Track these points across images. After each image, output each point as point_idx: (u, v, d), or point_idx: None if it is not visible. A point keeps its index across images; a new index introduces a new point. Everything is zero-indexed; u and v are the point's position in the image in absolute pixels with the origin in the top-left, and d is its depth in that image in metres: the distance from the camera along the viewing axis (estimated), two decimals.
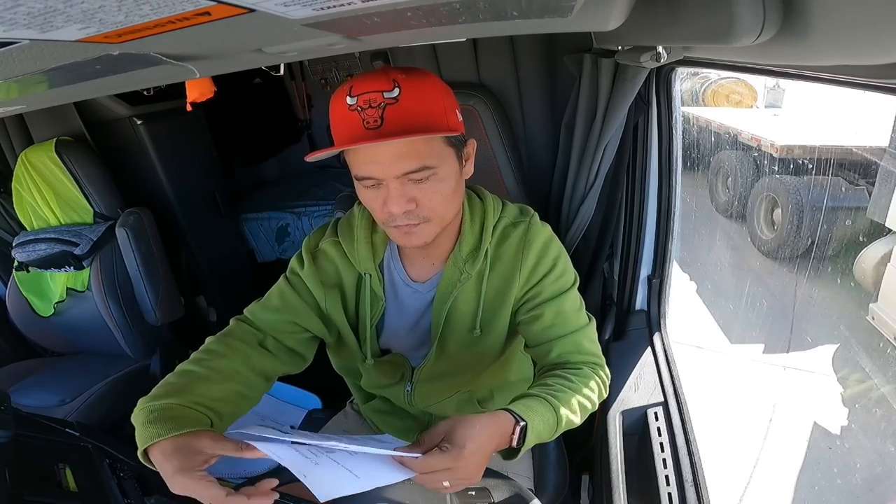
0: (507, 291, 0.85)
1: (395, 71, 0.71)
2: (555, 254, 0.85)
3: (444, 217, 0.79)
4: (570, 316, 0.84)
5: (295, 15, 0.32)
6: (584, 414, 0.77)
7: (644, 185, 1.26)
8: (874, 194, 2.69)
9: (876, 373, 2.44)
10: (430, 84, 0.73)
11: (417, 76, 0.72)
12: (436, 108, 0.72)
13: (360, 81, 0.71)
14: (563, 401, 0.73)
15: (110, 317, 1.71)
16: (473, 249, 0.85)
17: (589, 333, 0.86)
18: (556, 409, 0.71)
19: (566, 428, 0.74)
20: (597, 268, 1.42)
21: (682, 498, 0.93)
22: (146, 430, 0.66)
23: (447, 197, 0.76)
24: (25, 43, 0.29)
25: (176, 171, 1.94)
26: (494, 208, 0.87)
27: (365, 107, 0.69)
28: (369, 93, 0.68)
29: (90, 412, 1.56)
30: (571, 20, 0.45)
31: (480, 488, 0.75)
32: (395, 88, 0.68)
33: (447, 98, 0.75)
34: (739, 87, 4.27)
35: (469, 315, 0.87)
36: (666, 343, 1.27)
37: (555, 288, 0.84)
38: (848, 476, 2.11)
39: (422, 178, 0.72)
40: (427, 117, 0.70)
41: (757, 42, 0.44)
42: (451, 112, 0.74)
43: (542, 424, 0.70)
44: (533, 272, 0.84)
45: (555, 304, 0.84)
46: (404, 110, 0.68)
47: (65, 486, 0.86)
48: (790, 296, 3.13)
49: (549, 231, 0.88)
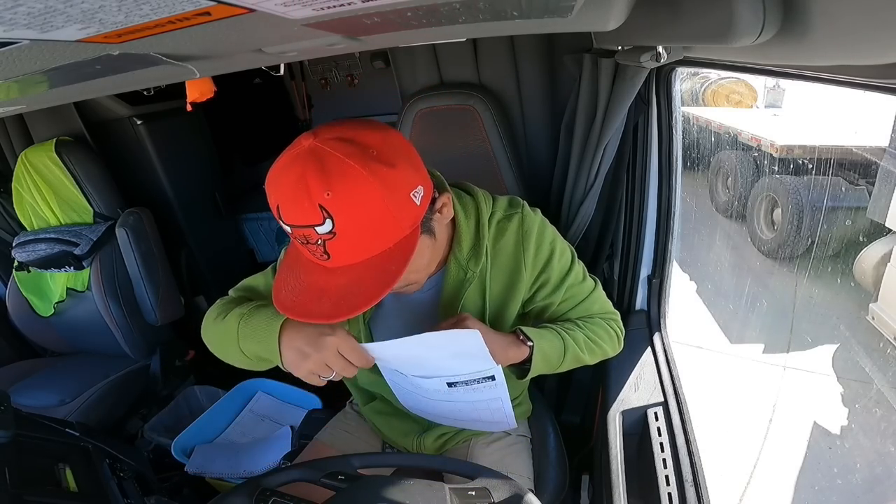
0: (513, 287, 0.85)
1: (317, 185, 0.58)
2: (550, 237, 0.87)
3: (426, 274, 0.79)
4: (577, 289, 0.90)
5: (295, 15, 0.32)
6: (594, 355, 0.87)
7: (644, 185, 1.26)
8: (874, 194, 2.70)
9: (876, 373, 2.44)
10: (366, 194, 0.59)
11: (346, 186, 0.59)
12: (383, 223, 0.62)
13: (287, 206, 0.61)
14: (571, 335, 0.84)
15: (110, 317, 1.71)
16: (473, 247, 0.83)
17: (597, 297, 0.92)
18: (563, 338, 0.82)
19: (575, 362, 0.85)
20: (597, 268, 1.42)
21: (682, 498, 0.93)
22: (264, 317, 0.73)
23: (425, 262, 0.74)
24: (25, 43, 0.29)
25: (176, 171, 1.94)
26: (486, 202, 0.85)
27: (305, 242, 0.62)
28: (301, 227, 0.61)
29: (90, 412, 1.56)
30: (571, 20, 0.45)
31: (480, 488, 0.75)
32: (325, 220, 0.59)
33: (392, 196, 0.62)
34: (739, 87, 4.27)
35: (475, 314, 0.85)
36: (666, 343, 1.27)
37: (560, 268, 0.87)
38: (848, 476, 2.11)
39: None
40: (376, 239, 0.63)
41: (757, 42, 0.44)
42: (402, 209, 0.63)
43: (549, 345, 0.80)
44: (537, 260, 0.85)
45: (563, 286, 0.88)
46: (347, 242, 0.61)
47: (65, 486, 0.86)
48: (790, 296, 3.13)
49: (539, 216, 0.89)
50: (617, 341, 0.92)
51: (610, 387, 1.18)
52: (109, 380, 1.67)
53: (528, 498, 0.74)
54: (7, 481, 0.77)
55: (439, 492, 0.73)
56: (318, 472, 0.77)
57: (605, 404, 1.17)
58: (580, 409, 1.40)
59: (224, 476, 1.49)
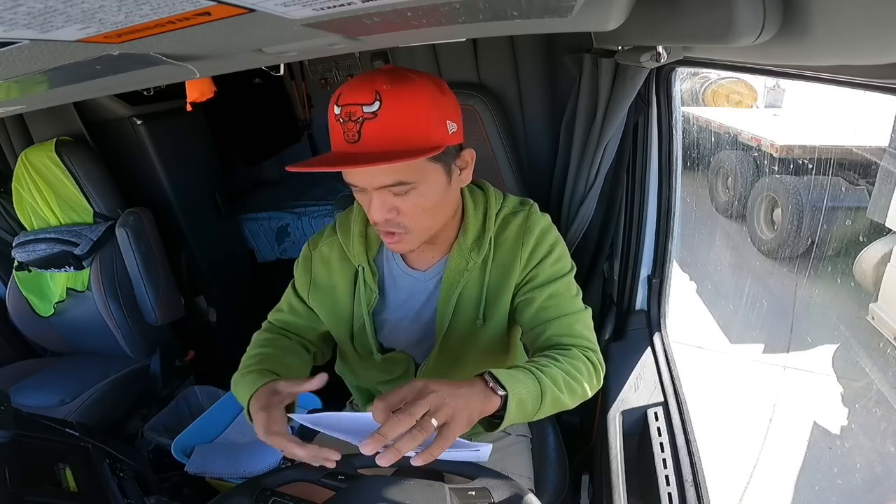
0: (508, 277, 0.86)
1: (382, 79, 0.68)
2: (552, 240, 0.87)
3: (428, 228, 0.80)
4: (564, 300, 0.85)
5: (295, 15, 0.32)
6: (574, 395, 0.75)
7: (644, 185, 1.26)
8: (874, 194, 2.70)
9: (876, 373, 2.44)
10: (417, 97, 0.69)
11: (405, 86, 0.69)
12: (417, 125, 0.69)
13: (347, 89, 0.70)
14: (547, 373, 0.72)
15: (110, 317, 1.71)
16: (478, 238, 0.86)
17: (583, 319, 0.86)
18: (540, 379, 0.70)
19: (554, 407, 0.73)
20: (597, 268, 1.42)
21: (682, 498, 0.93)
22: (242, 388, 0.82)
23: (428, 210, 0.76)
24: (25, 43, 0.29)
25: (176, 171, 1.94)
26: (496, 198, 0.89)
27: (346, 119, 0.69)
28: (351, 105, 0.68)
29: (90, 412, 1.56)
30: (571, 20, 0.45)
31: (480, 488, 0.75)
32: (375, 101, 0.67)
33: (435, 111, 0.71)
34: (739, 87, 4.27)
35: (473, 304, 0.88)
36: (666, 343, 1.27)
37: (551, 272, 0.86)
38: (848, 476, 2.11)
39: (400, 192, 0.73)
40: (405, 136, 0.68)
41: (757, 42, 0.44)
42: (437, 126, 0.71)
43: (524, 389, 0.68)
44: (532, 255, 0.86)
45: (550, 287, 0.85)
46: (382, 128, 0.67)
47: (65, 486, 0.86)
48: (790, 296, 3.13)
49: (548, 219, 0.90)
50: (596, 378, 0.81)
51: (610, 387, 1.18)
52: (109, 380, 1.67)
53: (528, 498, 0.74)
54: (7, 481, 0.77)
55: (439, 492, 0.73)
56: (318, 472, 0.77)
57: (605, 404, 1.17)
58: (580, 409, 1.39)
59: (224, 476, 1.49)
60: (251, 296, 2.34)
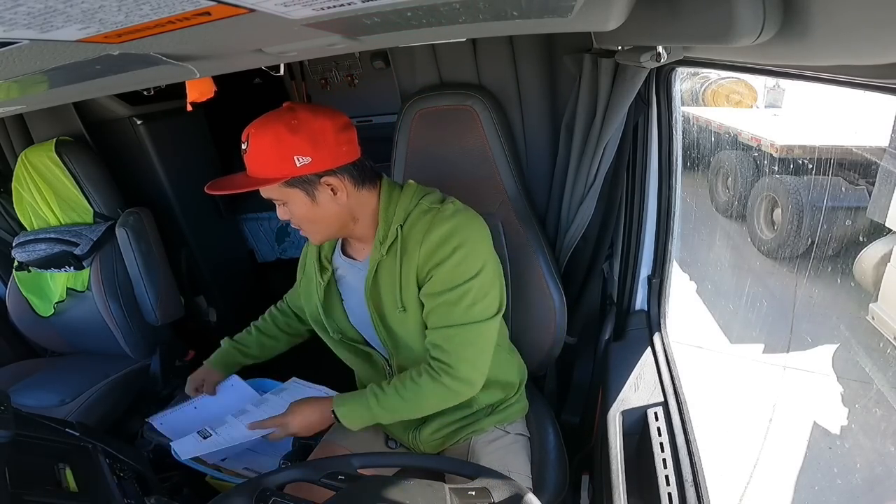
0: (411, 269, 0.92)
1: (255, 123, 0.87)
2: (456, 243, 0.89)
3: (319, 231, 0.96)
4: (454, 310, 0.90)
5: (295, 15, 0.32)
6: (417, 406, 0.96)
7: (644, 185, 1.26)
8: (874, 194, 2.70)
9: (876, 373, 2.44)
10: (264, 139, 0.86)
11: (260, 129, 0.86)
12: (266, 160, 0.86)
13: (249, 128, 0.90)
14: (382, 401, 0.95)
15: (110, 317, 1.71)
16: (386, 231, 0.94)
17: (467, 333, 0.91)
18: (368, 400, 0.95)
19: (396, 415, 0.97)
20: (597, 268, 1.42)
21: (682, 498, 0.93)
22: None
23: (310, 220, 0.92)
24: (25, 43, 0.29)
25: (176, 171, 1.94)
26: (412, 197, 0.95)
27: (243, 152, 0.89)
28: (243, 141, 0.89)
29: (90, 412, 1.56)
30: (571, 20, 0.45)
31: (480, 488, 0.75)
32: (245, 141, 0.88)
33: (280, 149, 0.85)
34: (739, 87, 4.27)
35: (390, 291, 0.95)
36: (666, 343, 1.27)
37: (448, 278, 0.89)
38: (848, 476, 2.11)
39: (280, 206, 0.92)
40: (260, 168, 0.87)
41: (757, 42, 0.44)
42: (284, 161, 0.85)
43: (353, 405, 0.98)
44: (431, 255, 0.89)
45: (444, 295, 0.89)
46: (249, 161, 0.88)
47: (65, 486, 0.86)
48: (790, 296, 3.13)
49: (461, 220, 0.91)
50: (451, 396, 0.95)
51: (610, 387, 1.18)
52: (109, 380, 1.67)
53: (528, 498, 0.74)
54: (7, 481, 0.77)
55: (439, 492, 0.73)
56: (318, 472, 0.77)
57: (605, 404, 1.17)
58: (580, 409, 1.40)
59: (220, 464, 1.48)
60: (251, 295, 2.34)
